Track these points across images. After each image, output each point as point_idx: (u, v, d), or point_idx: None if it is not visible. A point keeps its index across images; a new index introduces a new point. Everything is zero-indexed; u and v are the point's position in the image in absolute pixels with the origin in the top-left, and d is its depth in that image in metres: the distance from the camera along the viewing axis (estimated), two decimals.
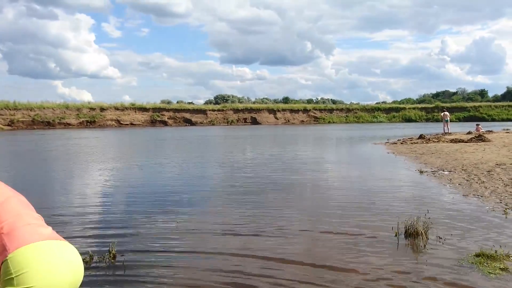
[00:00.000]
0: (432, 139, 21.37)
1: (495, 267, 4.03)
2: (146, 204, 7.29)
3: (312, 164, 13.41)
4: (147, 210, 6.78)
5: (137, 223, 6.03)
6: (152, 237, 5.32)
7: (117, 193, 8.61)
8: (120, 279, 4.02)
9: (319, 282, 3.83)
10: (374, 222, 5.85)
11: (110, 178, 10.67)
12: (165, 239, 5.21)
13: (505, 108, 67.05)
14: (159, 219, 6.20)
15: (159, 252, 4.74)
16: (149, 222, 6.03)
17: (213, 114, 61.59)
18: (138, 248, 4.89)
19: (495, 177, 9.11)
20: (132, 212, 6.71)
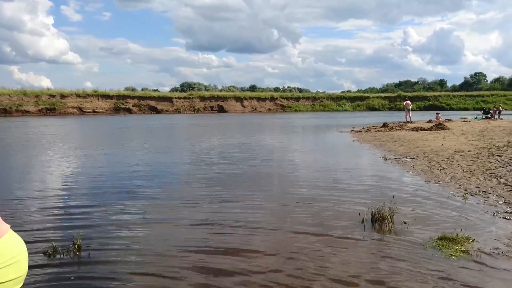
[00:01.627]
0: (395, 127, 22.00)
1: (457, 250, 4.20)
2: (111, 194, 7.09)
3: (280, 152, 13.50)
4: (112, 200, 6.60)
5: (103, 213, 5.86)
6: (119, 227, 5.19)
7: (81, 183, 8.33)
8: (86, 271, 3.90)
9: (287, 269, 3.86)
10: (341, 208, 5.96)
11: (73, 167, 10.31)
12: (133, 229, 5.09)
13: (462, 98, 69.97)
14: (125, 209, 6.05)
15: (126, 242, 4.63)
16: (116, 212, 5.87)
17: (179, 102, 60.65)
18: (104, 238, 4.75)
19: (454, 164, 9.50)
20: (97, 201, 6.51)
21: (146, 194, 7.08)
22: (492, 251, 4.19)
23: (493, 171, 8.38)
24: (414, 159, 10.62)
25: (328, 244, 4.51)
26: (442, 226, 5.01)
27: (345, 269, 3.84)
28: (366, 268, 3.87)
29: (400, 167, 9.54)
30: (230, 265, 3.95)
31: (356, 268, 3.86)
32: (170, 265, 3.97)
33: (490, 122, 25.10)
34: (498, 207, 5.85)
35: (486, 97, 69.24)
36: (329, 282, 3.58)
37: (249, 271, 3.81)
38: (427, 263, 3.94)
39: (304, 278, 3.66)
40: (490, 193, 6.64)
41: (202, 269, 3.87)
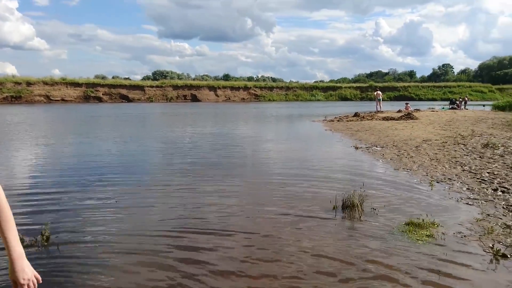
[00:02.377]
0: (366, 117, 22.43)
1: (422, 234, 4.37)
2: (81, 183, 6.94)
3: (253, 141, 13.54)
4: (83, 189, 6.47)
5: (72, 202, 5.74)
6: (88, 216, 5.10)
7: (50, 172, 8.10)
8: (54, 263, 3.82)
9: (261, 255, 3.92)
10: (314, 196, 6.07)
11: (41, 156, 10.01)
12: (103, 219, 5.02)
13: (430, 89, 71.92)
14: (96, 198, 5.95)
15: (96, 232, 4.56)
16: (86, 201, 5.77)
17: (151, 90, 59.53)
18: (73, 229, 4.67)
19: (422, 152, 9.80)
20: (66, 191, 6.36)
21: (117, 183, 6.97)
22: (455, 235, 4.38)
23: (458, 159, 8.70)
24: (384, 148, 10.88)
25: (300, 230, 4.60)
26: (409, 212, 5.18)
27: (315, 254, 3.93)
28: (336, 253, 3.96)
29: (370, 156, 9.76)
30: (205, 245, 3.98)
31: (326, 253, 3.96)
32: (140, 257, 3.95)
33: (456, 112, 25.95)
34: (462, 193, 6.10)
35: (453, 88, 71.38)
36: (300, 266, 3.66)
37: (215, 262, 3.84)
38: (394, 247, 4.08)
39: (276, 264, 3.72)
40: (455, 180, 6.90)
41: (178, 247, 3.87)
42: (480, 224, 4.70)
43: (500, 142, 10.70)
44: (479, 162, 8.35)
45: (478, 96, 66.94)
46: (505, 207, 5.33)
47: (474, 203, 5.55)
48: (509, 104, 28.80)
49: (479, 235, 4.36)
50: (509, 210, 5.17)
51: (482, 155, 9.06)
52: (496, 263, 3.71)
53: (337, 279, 3.45)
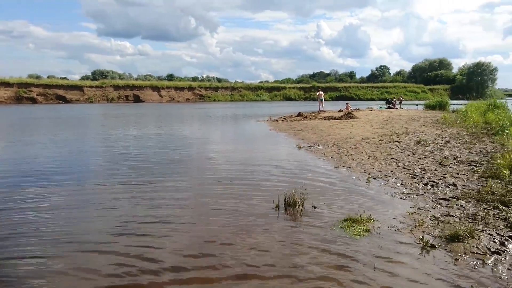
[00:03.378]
0: (309, 116, 23.02)
1: (359, 229, 4.55)
2: (13, 187, 6.46)
3: (198, 142, 13.39)
4: (15, 193, 6.03)
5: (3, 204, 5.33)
6: (21, 217, 4.76)
7: None
8: None
9: (203, 252, 3.88)
10: (256, 195, 6.10)
11: None
12: (36, 220, 4.70)
13: (369, 89, 75.48)
14: (29, 198, 5.56)
15: (29, 228, 4.27)
16: (18, 203, 5.38)
17: (90, 90, 57.05)
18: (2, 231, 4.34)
19: (360, 150, 10.22)
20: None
21: (52, 183, 6.57)
22: (390, 228, 4.61)
23: (393, 156, 9.18)
24: (325, 146, 11.22)
25: (241, 229, 4.61)
26: (348, 208, 5.38)
27: (257, 252, 3.96)
28: (277, 251, 4.02)
29: (312, 155, 10.01)
30: (146, 245, 3.88)
31: (267, 251, 4.00)
32: (77, 258, 3.76)
33: (392, 112, 27.42)
34: (396, 188, 6.44)
35: (389, 88, 75.44)
36: (239, 263, 3.66)
37: (162, 258, 3.75)
38: (333, 243, 4.21)
39: (216, 260, 3.70)
40: (390, 176, 7.27)
41: (116, 249, 3.72)
42: (412, 217, 4.98)
43: (430, 139, 11.44)
44: (412, 158, 8.86)
45: (412, 96, 71.25)
46: (434, 200, 5.69)
47: (407, 198, 5.88)
48: (439, 103, 30.95)
49: (410, 227, 4.62)
50: (438, 203, 5.53)
51: (414, 151, 9.63)
52: (425, 254, 3.95)
53: (275, 274, 3.50)
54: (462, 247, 4.04)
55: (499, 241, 4.15)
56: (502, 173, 6.67)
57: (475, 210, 5.13)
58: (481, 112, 18.00)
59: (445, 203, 5.50)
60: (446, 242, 4.17)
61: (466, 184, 6.48)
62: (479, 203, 5.40)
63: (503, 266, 3.67)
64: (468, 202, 5.49)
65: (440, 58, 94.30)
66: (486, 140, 11.07)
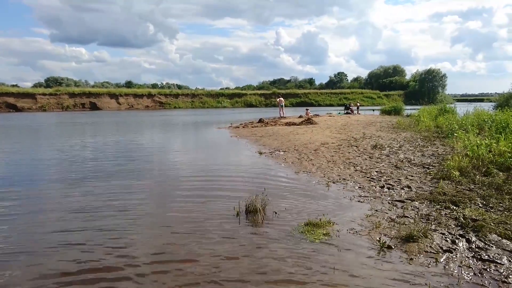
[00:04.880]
0: (270, 122, 23.23)
1: (319, 233, 4.62)
2: None
3: (156, 150, 13.14)
4: None
5: None
6: None
7: None
8: None
9: (163, 259, 3.79)
10: (217, 203, 6.06)
11: None
12: None
13: (328, 95, 77.33)
14: None
15: None
16: None
17: (44, 98, 54.68)
18: None
19: (320, 155, 10.41)
20: None
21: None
22: (348, 231, 4.71)
23: (351, 160, 9.42)
24: (286, 152, 11.34)
25: (204, 239, 4.55)
26: (309, 213, 5.45)
27: (217, 260, 3.92)
28: (237, 258, 4.00)
29: (273, 160, 10.08)
30: (107, 254, 3.72)
31: (228, 258, 3.97)
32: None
33: (350, 117, 28.20)
34: (355, 191, 6.60)
35: (347, 94, 77.64)
36: (198, 270, 3.61)
37: (123, 266, 3.63)
38: (294, 247, 4.25)
39: (175, 267, 3.63)
40: (349, 180, 7.45)
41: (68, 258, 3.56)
42: (370, 219, 5.11)
43: (386, 143, 11.84)
44: (369, 162, 9.12)
45: (369, 102, 73.71)
46: (390, 202, 5.88)
47: (365, 200, 6.04)
48: (394, 108, 32.21)
49: (368, 230, 4.74)
50: (394, 205, 5.72)
51: (371, 155, 9.93)
52: (382, 254, 4.06)
53: (236, 278, 3.48)
54: (417, 247, 4.19)
55: (451, 240, 4.34)
56: (452, 174, 7.01)
57: (428, 211, 5.34)
58: (432, 116, 18.88)
59: (401, 205, 5.69)
60: (401, 243, 4.31)
61: (420, 185, 6.74)
62: (432, 204, 5.64)
63: (454, 263, 3.84)
64: (422, 203, 5.72)
65: (394, 65, 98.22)
66: (437, 143, 11.61)
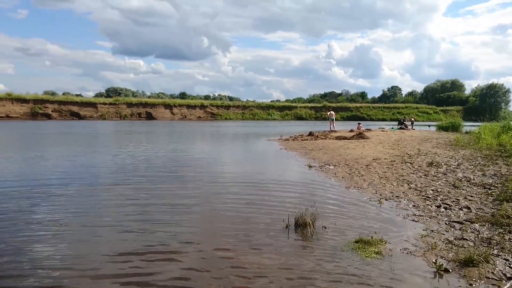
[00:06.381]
0: (320, 136, 22.99)
1: (371, 251, 4.48)
2: (21, 207, 6.54)
3: (209, 159, 13.43)
4: (22, 211, 6.10)
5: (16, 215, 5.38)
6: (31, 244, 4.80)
7: None
8: None
9: (212, 270, 3.85)
10: (266, 215, 6.07)
11: None
12: (46, 242, 4.73)
13: (381, 109, 75.40)
14: (39, 220, 5.62)
15: (40, 250, 4.29)
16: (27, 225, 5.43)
17: (104, 107, 57.98)
18: (18, 246, 4.37)
19: (372, 171, 10.14)
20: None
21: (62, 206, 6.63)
22: (402, 251, 4.53)
23: (405, 177, 9.08)
24: (336, 166, 11.16)
25: (253, 250, 4.56)
26: (359, 230, 5.31)
27: (265, 272, 3.92)
28: (287, 271, 3.97)
29: (323, 174, 9.96)
30: (157, 263, 3.84)
31: (278, 273, 3.95)
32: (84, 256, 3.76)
33: (404, 132, 27.23)
34: (408, 210, 6.35)
35: (401, 109, 75.23)
36: (249, 282, 3.62)
37: (174, 277, 3.73)
38: (344, 264, 4.15)
39: (226, 280, 3.66)
40: (402, 198, 7.18)
41: (125, 274, 3.72)
42: (425, 240, 4.89)
43: (443, 161, 11.30)
44: (424, 180, 8.75)
45: (424, 117, 70.93)
46: (447, 223, 5.59)
47: (419, 220, 5.79)
48: (452, 124, 30.67)
49: (423, 250, 4.53)
50: (451, 226, 5.43)
51: (427, 173, 9.51)
52: (439, 278, 3.86)
53: None
54: (477, 272, 3.94)
55: None
56: None
57: (490, 234, 5.02)
58: (494, 134, 17.77)
59: (459, 226, 5.40)
60: (460, 267, 4.08)
61: (480, 207, 6.36)
62: (494, 227, 5.29)
63: None
64: (483, 225, 5.39)
65: (452, 79, 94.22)
66: (500, 163, 10.90)
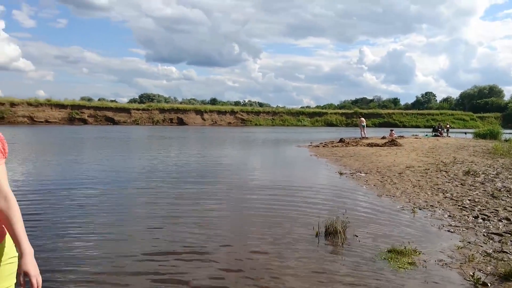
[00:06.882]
0: (351, 143, 22.65)
1: (404, 262, 4.36)
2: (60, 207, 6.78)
3: (239, 165, 13.51)
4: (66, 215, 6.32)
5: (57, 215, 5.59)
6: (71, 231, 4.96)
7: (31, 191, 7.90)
8: None
9: (241, 277, 3.85)
10: (297, 221, 6.03)
11: (23, 176, 9.78)
12: (84, 248, 4.88)
13: (414, 116, 73.44)
14: (78, 226, 5.81)
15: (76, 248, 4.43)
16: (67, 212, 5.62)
17: (137, 113, 59.36)
18: (56, 245, 4.53)
19: (405, 179, 9.89)
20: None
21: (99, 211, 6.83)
22: (437, 262, 4.38)
23: (440, 186, 8.80)
24: (368, 174, 10.96)
25: (282, 257, 4.54)
26: (392, 239, 5.18)
27: (296, 281, 3.88)
28: (317, 280, 3.91)
29: (354, 182, 9.80)
30: (189, 266, 3.89)
31: (308, 280, 3.91)
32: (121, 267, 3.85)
33: (439, 140, 26.42)
34: (444, 220, 6.14)
35: (436, 115, 72.99)
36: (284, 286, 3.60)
37: (197, 278, 3.76)
38: (377, 275, 4.05)
39: (254, 285, 3.66)
40: (437, 207, 6.96)
41: (158, 272, 3.78)
42: (461, 251, 4.71)
43: (481, 170, 10.88)
44: (460, 189, 8.45)
45: (460, 124, 68.55)
46: (486, 234, 5.37)
47: (456, 230, 5.59)
48: (490, 132, 29.45)
49: (460, 263, 4.36)
50: (490, 238, 5.21)
51: (463, 182, 9.19)
52: None
53: None
54: None
55: None
56: None
57: None
58: None
59: (498, 239, 5.17)
60: (499, 281, 3.89)
61: None
62: None
63: None
64: None
65: (490, 85, 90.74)
66: None
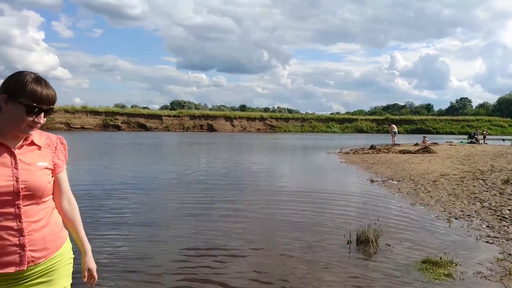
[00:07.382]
0: (383, 149, 22.22)
1: (440, 273, 4.22)
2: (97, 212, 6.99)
3: (269, 171, 13.50)
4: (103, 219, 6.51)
5: None
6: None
7: None
8: None
9: (280, 277, 3.84)
10: (328, 229, 5.95)
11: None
12: (115, 251, 5.00)
13: (448, 122, 71.25)
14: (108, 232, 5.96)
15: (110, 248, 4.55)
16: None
17: (168, 120, 60.57)
18: None
19: (439, 187, 9.59)
20: None
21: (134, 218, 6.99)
22: (475, 275, 4.21)
23: (477, 195, 8.48)
24: (400, 181, 10.71)
25: (313, 264, 4.49)
26: (426, 249, 5.03)
27: (329, 286, 3.83)
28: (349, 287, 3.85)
29: (386, 189, 9.60)
30: (218, 270, 3.91)
31: (339, 286, 3.85)
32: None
33: (475, 147, 25.51)
34: (482, 231, 5.91)
35: (471, 122, 70.54)
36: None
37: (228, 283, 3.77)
38: (411, 286, 3.94)
39: (291, 285, 3.63)
40: (474, 217, 6.71)
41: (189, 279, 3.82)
42: (501, 264, 4.52)
43: None
44: (499, 198, 8.12)
45: (497, 131, 65.92)
46: None
47: (495, 242, 5.36)
48: None
49: (500, 275, 4.18)
50: None
51: (502, 191, 8.82)
52: None
53: None
54: None
55: None
56: None
57: None
58: None
59: None
60: None
61: None
62: None
63: None
64: None
65: None
66: None
